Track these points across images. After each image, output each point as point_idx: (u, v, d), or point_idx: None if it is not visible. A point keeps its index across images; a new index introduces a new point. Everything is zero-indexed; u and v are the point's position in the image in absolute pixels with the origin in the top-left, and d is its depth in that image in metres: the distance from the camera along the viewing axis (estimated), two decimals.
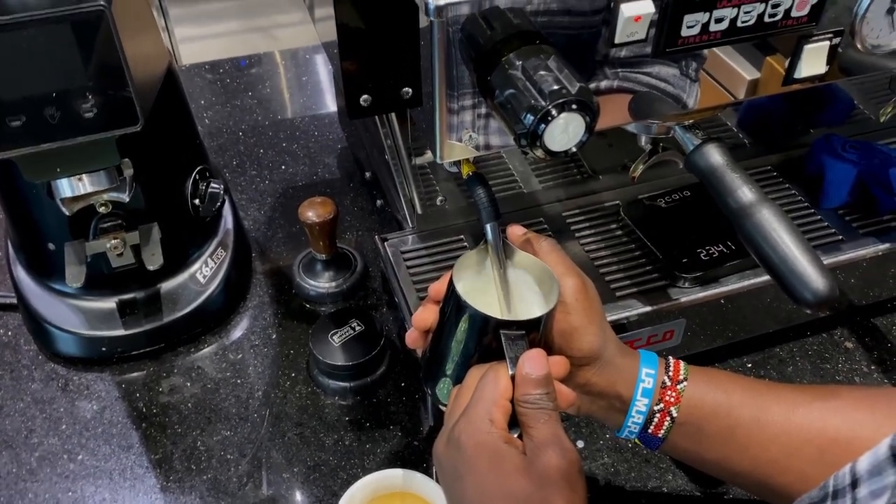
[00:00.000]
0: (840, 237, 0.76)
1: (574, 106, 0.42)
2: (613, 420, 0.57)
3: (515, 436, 0.49)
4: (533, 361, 0.49)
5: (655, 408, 0.55)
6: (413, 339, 0.57)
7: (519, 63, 0.44)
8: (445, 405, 0.54)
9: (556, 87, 0.42)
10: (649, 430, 0.55)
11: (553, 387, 0.49)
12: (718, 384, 0.55)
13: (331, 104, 1.12)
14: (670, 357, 0.57)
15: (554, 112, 0.42)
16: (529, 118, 0.43)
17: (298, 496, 0.68)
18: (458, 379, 0.53)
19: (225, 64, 1.19)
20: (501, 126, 0.55)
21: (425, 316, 0.55)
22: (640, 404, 0.55)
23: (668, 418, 0.55)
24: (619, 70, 0.54)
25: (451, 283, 0.52)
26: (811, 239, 0.75)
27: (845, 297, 0.79)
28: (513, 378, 0.49)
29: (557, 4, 0.49)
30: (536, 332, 0.50)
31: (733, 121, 0.89)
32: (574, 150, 0.45)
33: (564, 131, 0.43)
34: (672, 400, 0.55)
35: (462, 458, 0.47)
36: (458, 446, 0.47)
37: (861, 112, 0.89)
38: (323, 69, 1.20)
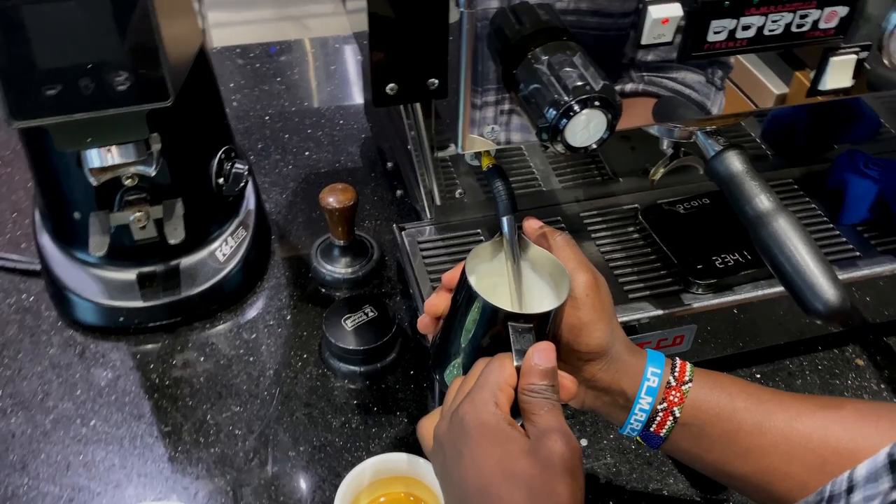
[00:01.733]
0: (857, 253, 0.76)
1: (597, 103, 0.43)
2: (616, 416, 0.57)
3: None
4: (541, 353, 0.49)
5: (659, 407, 0.55)
6: (424, 324, 0.58)
7: (545, 58, 0.45)
8: None
9: (579, 84, 0.43)
10: (651, 429, 0.56)
11: (557, 381, 0.50)
12: (723, 388, 0.56)
13: (357, 96, 1.13)
14: (677, 358, 0.57)
15: (576, 107, 0.43)
16: (552, 112, 0.43)
17: (303, 475, 0.69)
18: (466, 366, 0.54)
19: (255, 49, 1.21)
20: (524, 120, 0.55)
21: (437, 302, 0.56)
22: (644, 402, 0.55)
23: (670, 418, 0.55)
24: (644, 74, 0.54)
25: (463, 273, 0.53)
26: (828, 253, 0.75)
27: (859, 314, 0.79)
28: (518, 369, 0.50)
29: (587, 4, 0.49)
30: (544, 326, 0.51)
31: (757, 132, 0.89)
32: (594, 146, 0.45)
33: (586, 127, 0.44)
34: (676, 400, 0.55)
35: (465, 438, 0.48)
36: (462, 426, 0.48)
37: (887, 130, 0.89)
38: (352, 60, 1.21)
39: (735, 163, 0.59)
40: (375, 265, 0.86)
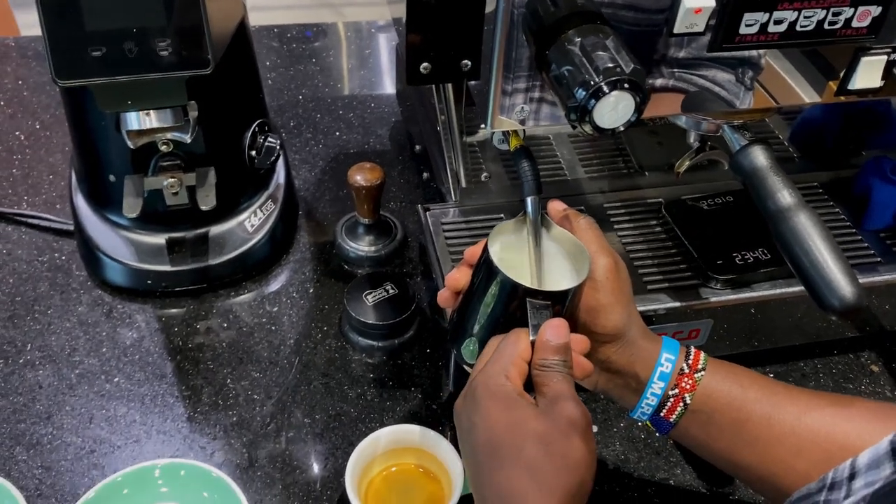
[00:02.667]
0: (879, 259, 0.76)
1: (626, 85, 0.44)
2: (628, 399, 0.58)
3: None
4: (554, 329, 0.50)
5: (670, 393, 0.56)
6: (444, 298, 0.59)
7: (578, 40, 0.46)
8: (470, 365, 0.56)
9: (610, 65, 0.44)
10: (661, 414, 0.57)
11: (570, 357, 0.51)
12: (735, 378, 0.56)
13: (388, 84, 1.15)
14: (692, 346, 0.58)
15: (606, 89, 0.44)
16: (581, 93, 0.44)
17: (317, 442, 0.71)
18: (483, 341, 0.55)
19: (292, 29, 1.22)
20: (553, 106, 0.57)
21: (458, 277, 0.57)
22: (656, 387, 0.56)
23: (681, 404, 0.56)
24: (676, 70, 0.55)
25: (485, 249, 0.54)
26: (849, 257, 0.74)
27: (877, 320, 0.79)
28: (533, 344, 0.51)
29: None
30: (561, 305, 0.52)
31: (786, 134, 0.89)
32: (621, 129, 0.46)
33: (614, 109, 0.45)
34: (687, 387, 0.56)
35: (476, 408, 0.49)
36: (474, 397, 0.50)
37: None
38: (385, 47, 1.23)
39: (760, 157, 0.59)
40: (398, 245, 0.88)
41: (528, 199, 0.57)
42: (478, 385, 0.50)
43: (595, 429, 0.73)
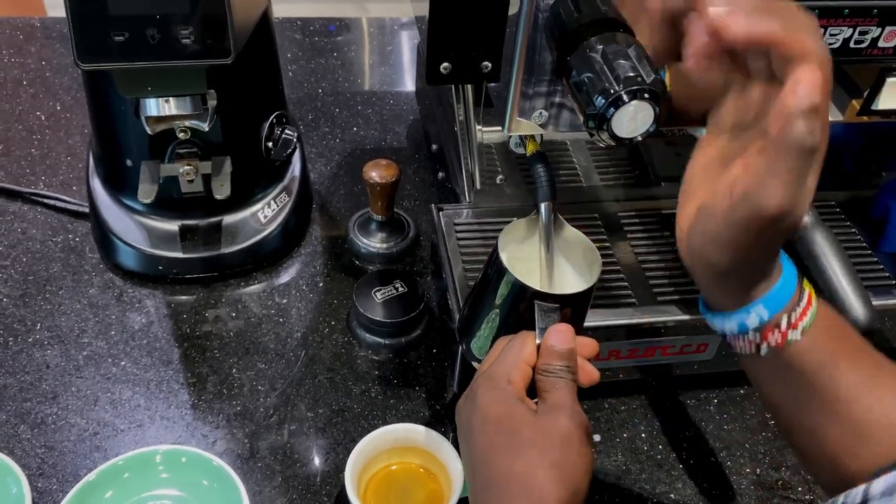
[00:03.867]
0: (894, 282, 0.75)
1: (646, 95, 0.43)
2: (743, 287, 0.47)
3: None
4: (559, 335, 0.50)
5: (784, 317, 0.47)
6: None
7: (600, 47, 0.46)
8: (478, 361, 0.56)
9: (631, 75, 0.43)
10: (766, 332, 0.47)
11: (575, 363, 0.50)
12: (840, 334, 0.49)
13: (409, 82, 1.15)
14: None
15: (625, 97, 0.43)
16: (601, 101, 0.44)
17: (319, 436, 0.71)
18: (491, 339, 0.55)
19: (315, 22, 1.23)
20: (571, 113, 0.56)
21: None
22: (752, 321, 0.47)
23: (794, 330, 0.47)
24: None
25: (495, 248, 0.54)
26: (864, 279, 0.74)
27: (889, 343, 0.78)
28: (539, 348, 0.51)
29: None
30: (571, 308, 0.52)
31: None
32: (639, 139, 0.46)
33: (633, 119, 0.44)
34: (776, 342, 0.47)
35: (475, 411, 0.49)
36: (474, 400, 0.49)
37: None
38: (407, 45, 1.23)
39: None
40: (410, 243, 0.88)
41: (542, 205, 0.57)
42: (479, 387, 0.50)
43: (597, 438, 0.73)
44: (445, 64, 0.62)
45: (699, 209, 0.46)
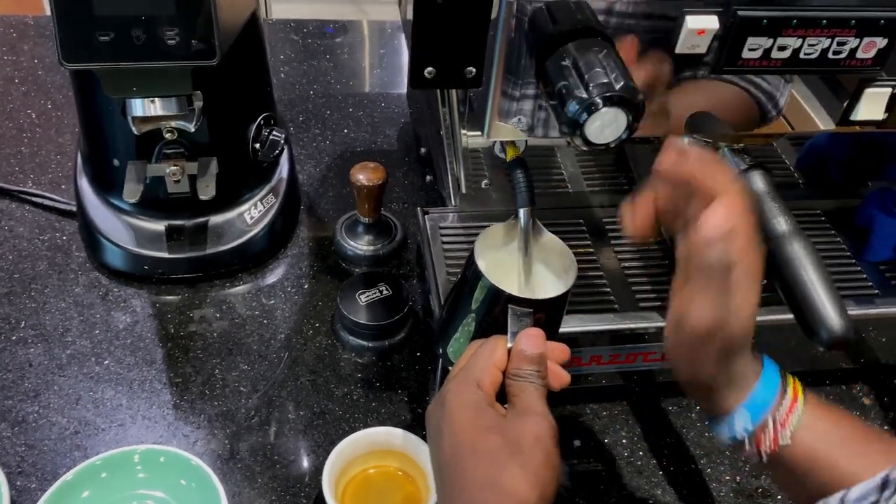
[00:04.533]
0: (877, 291, 0.75)
1: (618, 101, 0.44)
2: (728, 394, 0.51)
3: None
4: (530, 339, 0.50)
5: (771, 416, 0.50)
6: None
7: (574, 54, 0.46)
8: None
9: (604, 81, 0.44)
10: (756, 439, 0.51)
11: (546, 367, 0.51)
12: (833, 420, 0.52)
13: (402, 84, 1.15)
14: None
15: (598, 103, 0.44)
16: (574, 107, 0.44)
17: (300, 438, 0.71)
18: (467, 344, 0.55)
19: (309, 24, 1.23)
20: (552, 113, 0.56)
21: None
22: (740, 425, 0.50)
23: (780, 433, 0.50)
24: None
25: (472, 252, 0.54)
26: (846, 288, 0.75)
27: (872, 353, 0.78)
28: (510, 352, 0.51)
29: (630, 7, 0.50)
30: (544, 313, 0.52)
31: (792, 160, 0.88)
32: (613, 145, 0.46)
33: (606, 125, 0.45)
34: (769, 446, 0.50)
35: (444, 416, 0.49)
36: (443, 404, 0.50)
37: None
38: (402, 48, 1.23)
39: (758, 182, 0.59)
40: (397, 246, 0.88)
41: (521, 211, 0.57)
42: (448, 391, 0.50)
43: (577, 443, 0.73)
44: (429, 68, 0.62)
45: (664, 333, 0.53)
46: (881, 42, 0.52)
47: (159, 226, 0.82)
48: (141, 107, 0.69)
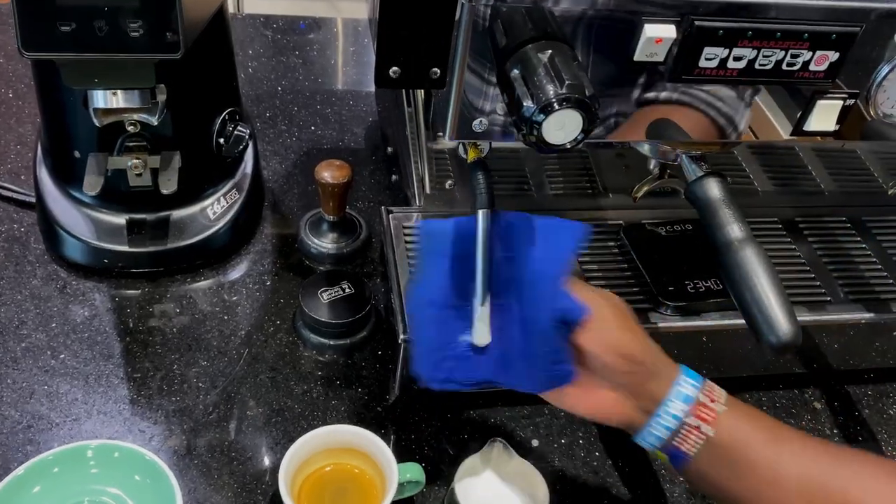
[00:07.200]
0: (829, 298, 0.77)
1: (573, 103, 0.44)
2: (637, 421, 0.57)
3: None
4: None
5: (688, 420, 0.55)
6: None
7: (532, 56, 0.46)
8: None
9: (560, 83, 0.44)
10: (675, 442, 0.55)
11: None
12: (752, 418, 0.56)
13: (372, 83, 1.15)
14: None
15: (554, 105, 0.44)
16: (530, 108, 0.45)
17: (258, 435, 0.71)
18: None
19: (279, 20, 1.22)
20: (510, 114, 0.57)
21: None
22: (675, 407, 0.55)
23: (698, 434, 0.54)
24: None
25: (452, 488, 0.62)
26: (799, 294, 0.76)
27: (823, 358, 0.80)
28: None
29: (589, 12, 0.51)
30: None
31: (752, 167, 0.90)
32: (569, 146, 0.47)
33: (562, 126, 0.45)
34: (708, 418, 0.54)
35: None
36: None
37: (876, 181, 0.90)
38: (372, 47, 1.23)
39: (714, 189, 0.60)
40: (361, 245, 0.88)
41: (480, 213, 0.57)
42: None
43: (536, 443, 0.73)
44: (395, 68, 0.62)
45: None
46: (833, 56, 0.54)
47: (120, 219, 0.81)
48: (103, 99, 0.68)
